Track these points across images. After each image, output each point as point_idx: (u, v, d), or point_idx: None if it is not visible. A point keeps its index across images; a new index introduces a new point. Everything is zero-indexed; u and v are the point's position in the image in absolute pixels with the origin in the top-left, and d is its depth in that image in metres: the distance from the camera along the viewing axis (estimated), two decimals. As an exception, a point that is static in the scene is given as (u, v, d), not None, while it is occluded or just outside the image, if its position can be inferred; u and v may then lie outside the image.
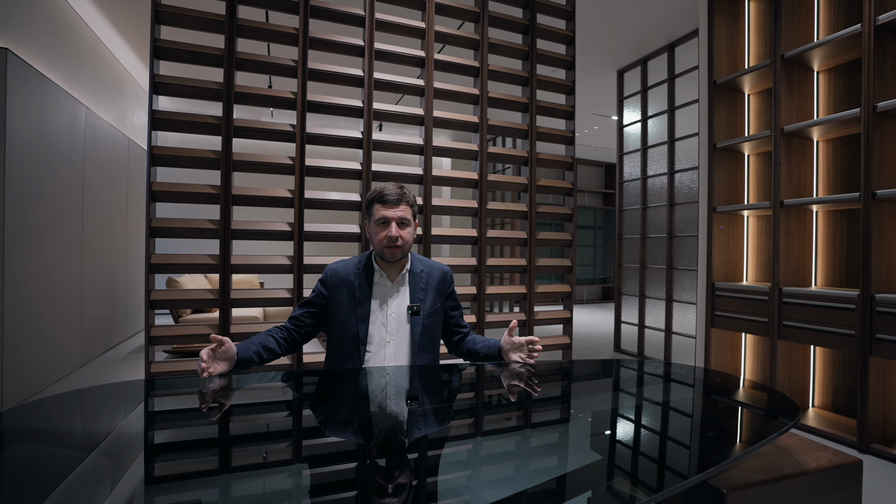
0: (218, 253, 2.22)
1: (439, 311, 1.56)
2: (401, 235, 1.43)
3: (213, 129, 2.20)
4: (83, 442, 1.01)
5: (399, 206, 1.45)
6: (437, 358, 1.57)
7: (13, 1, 3.15)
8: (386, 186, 1.47)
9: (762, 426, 1.20)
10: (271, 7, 2.34)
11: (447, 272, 1.61)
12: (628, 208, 4.94)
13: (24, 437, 1.02)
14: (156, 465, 0.89)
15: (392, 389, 1.33)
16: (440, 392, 1.38)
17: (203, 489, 0.81)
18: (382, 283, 1.50)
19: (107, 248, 4.49)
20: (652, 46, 4.54)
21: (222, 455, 0.95)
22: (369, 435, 1.02)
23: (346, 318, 1.45)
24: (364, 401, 1.27)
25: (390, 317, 1.48)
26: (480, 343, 1.57)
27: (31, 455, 0.93)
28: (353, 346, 1.44)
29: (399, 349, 1.48)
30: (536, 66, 2.86)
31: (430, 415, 1.16)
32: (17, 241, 2.97)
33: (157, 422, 1.15)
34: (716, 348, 3.43)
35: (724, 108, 3.46)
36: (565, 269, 2.97)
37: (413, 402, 1.24)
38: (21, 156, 3.03)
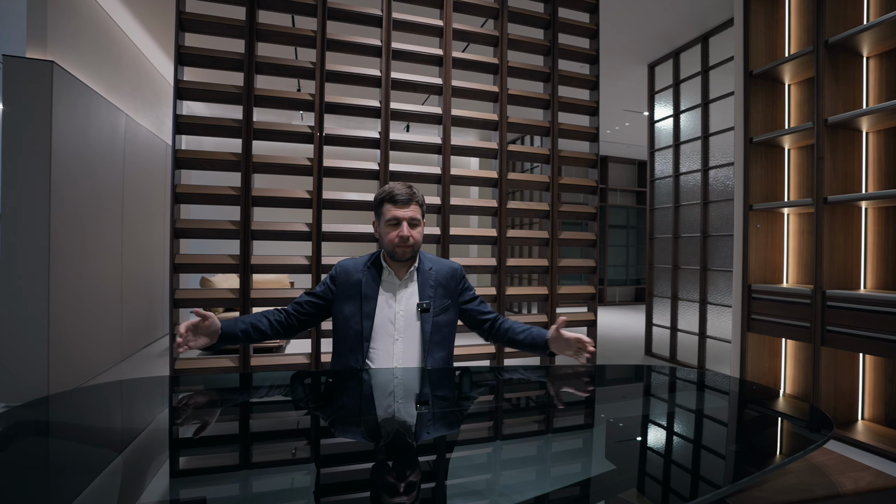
0: (238, 253, 2.26)
1: (451, 308, 1.54)
2: (411, 235, 1.43)
3: (234, 132, 2.25)
4: (93, 435, 1.04)
5: (409, 206, 1.44)
6: (452, 355, 1.54)
7: (59, 16, 3.34)
8: (395, 186, 1.46)
9: (791, 442, 1.11)
10: (290, 11, 2.37)
11: (457, 269, 1.59)
12: (660, 207, 4.76)
13: (42, 429, 1.05)
14: (163, 460, 0.90)
15: (401, 393, 1.30)
16: (453, 397, 1.35)
17: (207, 486, 0.81)
18: (390, 280, 1.50)
19: (145, 248, 4.70)
20: (684, 38, 4.35)
21: (228, 452, 0.96)
22: (377, 436, 1.00)
23: (351, 315, 1.45)
24: (371, 403, 1.25)
25: (398, 315, 1.47)
26: (523, 332, 1.52)
27: (48, 447, 0.96)
28: (356, 343, 1.43)
29: (408, 347, 1.46)
30: (558, 61, 2.78)
31: (441, 419, 1.13)
32: (62, 242, 3.14)
33: (167, 417, 1.17)
34: (753, 354, 3.24)
35: (761, 99, 3.27)
36: (589, 270, 2.87)
37: (423, 405, 1.21)
38: (66, 162, 3.20)
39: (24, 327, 2.93)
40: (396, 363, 1.45)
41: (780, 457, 1.03)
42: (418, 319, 1.48)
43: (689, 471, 0.93)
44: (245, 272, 2.25)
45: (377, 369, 1.43)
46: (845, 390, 2.81)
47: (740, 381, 1.58)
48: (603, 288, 9.28)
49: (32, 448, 0.97)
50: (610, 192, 9.34)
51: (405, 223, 1.42)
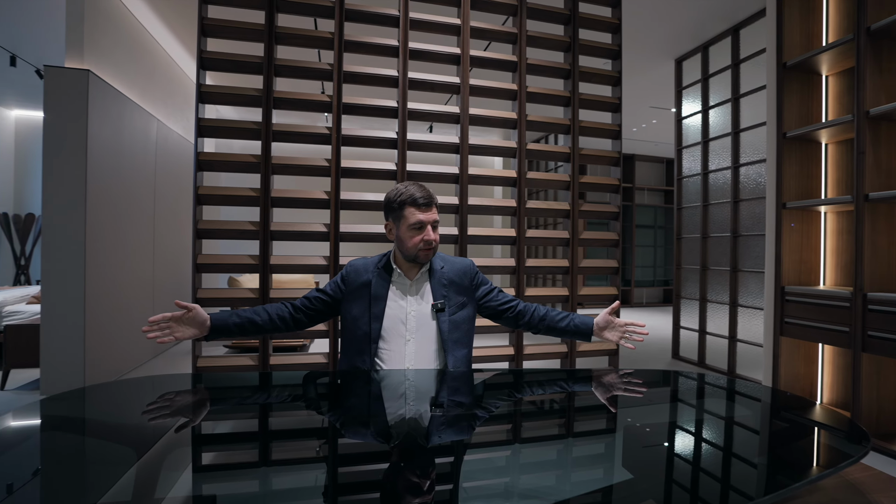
0: (258, 253, 2.30)
1: (468, 304, 1.52)
2: (435, 238, 1.43)
3: (253, 134, 2.29)
4: (108, 430, 1.07)
5: (432, 209, 1.43)
6: (471, 353, 1.52)
7: (95, 26, 3.48)
8: (413, 189, 1.43)
9: (823, 456, 1.04)
10: (308, 13, 2.39)
11: (469, 264, 1.56)
12: (688, 206, 4.60)
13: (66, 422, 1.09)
14: (174, 456, 0.91)
15: (412, 394, 1.29)
16: (469, 399, 1.32)
17: (219, 483, 0.81)
18: (401, 282, 1.48)
19: (175, 248, 4.85)
20: (713, 31, 4.20)
21: (236, 450, 0.97)
22: (387, 437, 0.99)
23: (360, 315, 1.44)
24: (381, 404, 1.24)
25: (410, 315, 1.45)
26: (564, 319, 1.49)
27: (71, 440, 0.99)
28: (364, 344, 1.42)
29: (421, 348, 1.45)
30: (579, 57, 2.72)
31: (455, 421, 1.11)
32: (97, 243, 3.27)
33: (184, 414, 1.19)
34: (787, 359, 3.09)
35: (795, 92, 3.11)
36: (612, 271, 2.80)
37: (437, 407, 1.20)
38: (100, 166, 3.34)
39: (63, 324, 3.07)
40: (409, 364, 1.44)
41: (811, 472, 0.97)
42: (433, 319, 1.47)
43: (710, 484, 0.88)
44: (265, 272, 2.29)
45: (389, 370, 1.42)
46: (889, 399, 2.64)
47: (772, 391, 1.49)
48: (630, 289, 9.06)
49: (64, 437, 1.01)
50: (637, 191, 9.11)
51: (429, 227, 1.41)
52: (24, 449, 0.96)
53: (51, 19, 4.07)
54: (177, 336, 1.30)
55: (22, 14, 4.10)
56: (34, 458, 0.90)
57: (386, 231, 1.51)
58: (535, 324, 1.53)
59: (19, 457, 0.91)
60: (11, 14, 4.09)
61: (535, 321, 1.53)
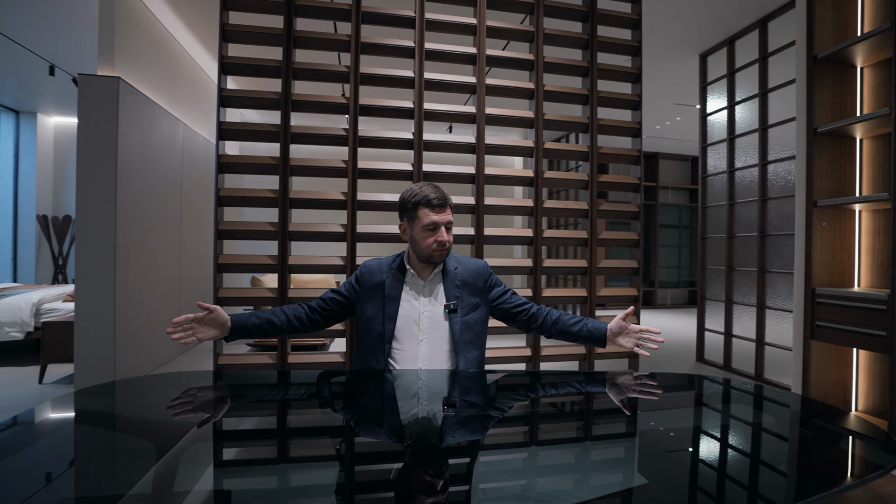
0: (276, 254, 2.35)
1: (481, 306, 1.51)
2: (449, 239, 1.43)
3: (272, 137, 2.34)
4: (129, 424, 1.11)
5: (446, 210, 1.43)
6: (484, 354, 1.51)
7: (125, 35, 3.61)
8: (428, 190, 1.43)
9: (851, 466, 0.99)
10: (326, 17, 2.43)
11: (483, 266, 1.55)
12: (713, 205, 4.47)
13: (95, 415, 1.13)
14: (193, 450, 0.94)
15: (425, 394, 1.29)
16: (483, 400, 1.32)
17: (237, 478, 0.83)
18: (414, 282, 1.48)
19: (201, 249, 4.99)
20: (740, 24, 4.06)
21: (251, 446, 0.99)
22: (400, 436, 1.00)
23: (373, 315, 1.45)
24: (394, 403, 1.25)
25: (423, 316, 1.45)
26: (577, 324, 1.46)
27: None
28: (377, 344, 1.43)
29: (433, 348, 1.44)
30: (597, 54, 2.68)
31: (469, 421, 1.11)
32: (126, 244, 3.39)
33: (205, 410, 1.22)
34: (818, 364, 2.96)
35: (827, 86, 2.99)
36: (632, 272, 2.74)
37: (450, 407, 1.19)
38: (130, 169, 3.46)
39: (95, 321, 3.19)
40: (421, 364, 1.44)
41: (836, 482, 0.92)
42: (446, 320, 1.46)
43: (733, 491, 0.85)
44: (283, 272, 2.33)
45: (402, 370, 1.42)
46: (929, 408, 2.50)
47: (802, 399, 1.43)
48: (653, 290, 8.86)
49: (95, 428, 1.05)
50: (661, 189, 8.91)
51: (443, 228, 1.41)
52: (58, 438, 1.00)
53: (86, 30, 4.24)
54: (199, 337, 1.33)
55: (59, 25, 4.28)
56: (68, 448, 0.95)
57: (400, 231, 1.51)
58: (548, 328, 1.50)
59: (53, 446, 0.95)
60: (49, 25, 4.29)
61: (547, 325, 1.50)
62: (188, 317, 1.32)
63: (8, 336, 3.99)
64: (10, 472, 0.81)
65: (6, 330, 3.98)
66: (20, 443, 0.97)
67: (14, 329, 4.00)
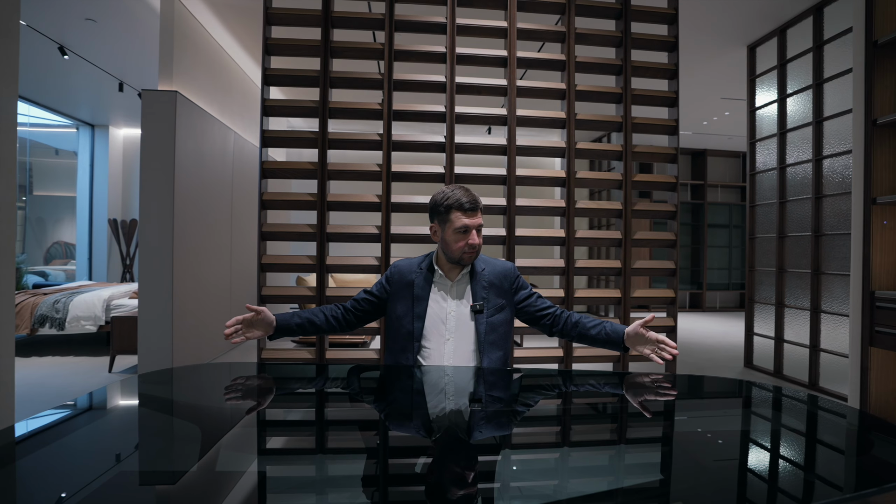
0: (315, 254, 2.48)
1: (507, 307, 1.54)
2: (479, 242, 1.48)
3: (311, 143, 2.47)
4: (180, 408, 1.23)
5: (477, 214, 1.47)
6: (508, 355, 1.54)
7: (182, 51, 3.91)
8: (460, 193, 1.47)
9: (877, 473, 0.95)
10: (360, 27, 2.54)
11: (510, 268, 1.58)
12: (762, 203, 4.25)
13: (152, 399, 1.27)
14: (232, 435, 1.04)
15: (451, 390, 1.34)
16: (508, 397, 1.35)
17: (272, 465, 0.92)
18: (442, 283, 1.53)
19: (250, 250, 5.29)
20: (792, 12, 3.85)
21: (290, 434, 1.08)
22: (427, 430, 1.05)
23: (403, 315, 1.51)
24: (422, 398, 1.31)
25: (450, 315, 1.50)
26: (595, 327, 1.48)
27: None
28: (408, 342, 1.49)
29: (459, 347, 1.49)
30: (631, 52, 2.64)
31: (495, 418, 1.15)
32: (182, 246, 3.67)
33: (244, 398, 1.34)
34: (878, 373, 2.77)
35: (889, 74, 2.78)
36: (668, 273, 2.67)
37: (476, 403, 1.24)
38: (186, 176, 3.74)
39: (155, 317, 3.47)
40: (448, 362, 1.49)
41: (855, 488, 0.90)
42: (472, 320, 1.50)
43: (755, 486, 0.84)
44: (321, 272, 2.45)
45: (429, 366, 1.48)
46: None
47: (859, 413, 1.37)
48: (701, 293, 8.49)
49: (154, 410, 1.18)
50: (710, 188, 8.52)
51: (474, 231, 1.46)
52: (123, 419, 1.13)
53: (149, 48, 4.61)
54: (247, 336, 1.44)
55: (126, 45, 4.68)
56: (133, 427, 1.08)
57: (431, 233, 1.56)
58: (568, 331, 1.52)
59: (119, 424, 1.08)
60: (118, 46, 4.70)
61: (567, 328, 1.51)
62: (237, 318, 1.44)
63: (83, 328, 4.41)
64: (85, 445, 0.94)
65: (82, 323, 4.40)
66: (91, 420, 1.11)
67: (89, 322, 4.42)
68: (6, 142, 2.31)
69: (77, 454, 0.90)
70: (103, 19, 4.17)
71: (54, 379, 3.71)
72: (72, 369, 4.04)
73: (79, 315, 4.43)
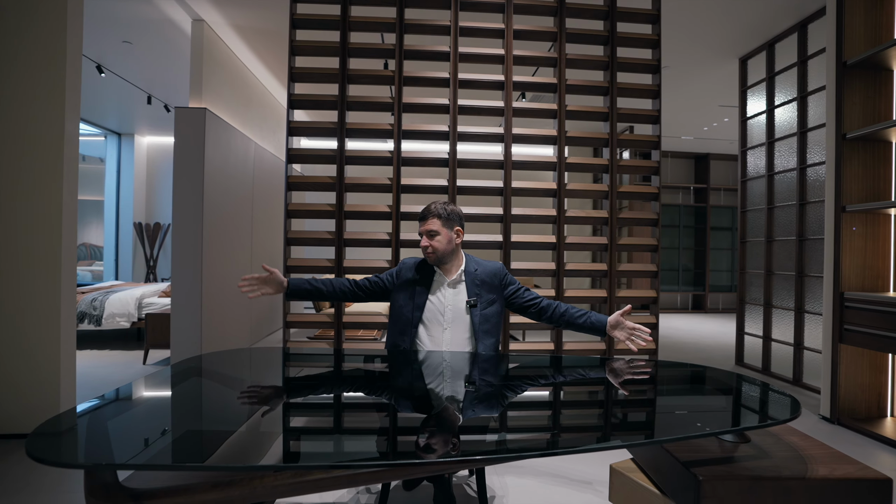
0: (334, 258, 2.79)
1: (497, 301, 1.82)
2: (430, 244, 1.77)
3: (329, 159, 2.79)
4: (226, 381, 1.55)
5: (426, 221, 1.78)
6: (499, 342, 1.83)
7: (211, 71, 4.27)
8: (422, 208, 1.82)
9: (753, 418, 1.22)
10: (374, 56, 2.85)
11: (499, 267, 1.87)
12: (752, 209, 4.47)
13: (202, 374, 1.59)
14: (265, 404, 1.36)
15: (449, 371, 1.65)
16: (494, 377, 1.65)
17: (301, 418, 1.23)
18: (440, 280, 1.82)
19: (269, 252, 5.65)
20: (779, 28, 4.08)
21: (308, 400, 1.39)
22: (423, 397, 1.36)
23: (405, 304, 1.80)
24: (421, 376, 1.62)
25: (447, 308, 1.79)
26: (582, 316, 1.76)
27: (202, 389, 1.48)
28: (406, 327, 1.78)
29: (456, 335, 1.78)
30: (617, 74, 2.91)
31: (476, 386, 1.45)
32: (210, 248, 4.02)
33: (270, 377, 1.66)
34: (848, 368, 3.00)
35: (859, 91, 3.02)
36: (651, 274, 2.94)
37: (469, 382, 1.54)
38: (213, 184, 4.09)
39: (187, 313, 3.83)
40: (445, 347, 1.78)
41: (733, 427, 1.19)
42: (467, 313, 1.80)
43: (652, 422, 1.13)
44: (339, 273, 2.77)
45: (431, 351, 1.77)
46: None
47: (737, 376, 1.64)
48: (703, 294, 8.66)
49: (189, 386, 1.50)
50: (712, 191, 8.69)
51: (424, 236, 1.78)
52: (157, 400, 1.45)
53: (176, 65, 4.99)
54: (263, 291, 1.74)
55: (157, 63, 5.07)
56: (167, 406, 1.39)
57: None
58: (557, 318, 1.79)
59: (158, 404, 1.40)
60: (150, 64, 5.08)
61: (556, 316, 1.80)
62: (253, 276, 1.74)
63: (118, 325, 4.80)
64: (135, 417, 1.26)
65: (117, 320, 4.79)
66: (132, 402, 1.44)
67: (123, 319, 4.80)
68: (70, 158, 2.68)
69: (159, 416, 1.22)
70: (138, 41, 4.55)
71: (96, 370, 4.09)
72: (109, 361, 4.42)
73: (114, 312, 4.82)
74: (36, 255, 2.61)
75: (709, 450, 1.23)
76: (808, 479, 1.11)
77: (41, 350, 2.61)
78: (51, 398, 2.61)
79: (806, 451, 1.25)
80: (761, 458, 1.19)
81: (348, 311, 4.67)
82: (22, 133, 2.60)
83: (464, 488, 2.07)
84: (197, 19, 4.13)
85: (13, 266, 2.59)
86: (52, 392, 2.61)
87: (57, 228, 2.63)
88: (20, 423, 2.59)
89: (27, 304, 2.60)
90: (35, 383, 2.60)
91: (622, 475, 1.42)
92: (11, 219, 2.60)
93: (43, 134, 2.61)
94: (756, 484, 1.09)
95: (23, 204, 2.60)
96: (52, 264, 2.63)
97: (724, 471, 1.12)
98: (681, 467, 1.15)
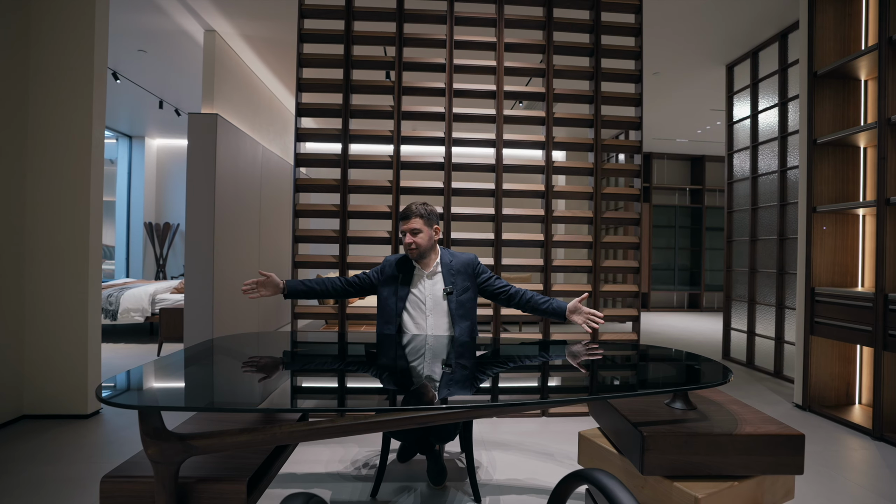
0: (338, 254, 3.02)
1: (471, 289, 2.03)
2: (413, 241, 1.97)
3: (334, 163, 3.02)
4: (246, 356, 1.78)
5: (408, 221, 1.98)
6: (475, 324, 2.03)
7: (222, 78, 4.51)
8: (404, 207, 2.02)
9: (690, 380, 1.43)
10: (376, 67, 3.08)
11: (472, 258, 2.08)
12: (738, 209, 4.67)
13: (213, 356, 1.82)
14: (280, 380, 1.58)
15: (430, 352, 1.86)
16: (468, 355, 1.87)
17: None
18: (419, 273, 2.04)
19: (275, 249, 5.89)
20: (762, 36, 4.28)
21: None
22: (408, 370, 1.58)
23: (389, 296, 2.02)
24: (405, 355, 1.84)
25: (427, 297, 2.00)
26: (545, 303, 1.97)
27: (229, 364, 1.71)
28: (391, 316, 2.00)
29: (437, 321, 1.99)
30: (601, 83, 3.12)
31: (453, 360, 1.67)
32: (221, 246, 4.26)
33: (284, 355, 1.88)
34: (818, 358, 3.20)
35: (829, 99, 3.22)
36: (632, 271, 3.15)
37: (446, 361, 1.76)
38: (224, 185, 4.33)
39: (199, 308, 4.06)
40: (429, 331, 2.00)
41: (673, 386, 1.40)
42: (444, 300, 2.01)
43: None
44: (343, 269, 3.00)
45: (415, 335, 1.99)
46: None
47: (686, 353, 1.85)
48: (699, 293, 8.85)
49: (204, 364, 1.73)
50: (708, 192, 8.87)
51: (408, 233, 1.97)
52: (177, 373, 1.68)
53: (188, 71, 5.23)
54: (261, 293, 1.96)
55: (170, 70, 5.32)
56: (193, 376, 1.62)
57: None
58: (523, 304, 2.01)
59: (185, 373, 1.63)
60: (162, 70, 5.34)
61: (522, 302, 2.01)
62: (252, 280, 1.96)
63: (133, 319, 5.05)
64: (174, 375, 1.49)
65: (132, 314, 5.04)
66: (170, 366, 1.67)
67: (138, 314, 5.05)
68: (96, 164, 2.92)
69: (203, 381, 1.44)
70: (153, 50, 4.80)
71: (114, 361, 4.34)
72: (125, 354, 4.67)
73: (129, 307, 5.07)
74: (66, 253, 2.85)
75: (659, 415, 1.44)
76: (735, 435, 1.32)
77: (70, 340, 2.85)
78: (79, 383, 2.85)
79: (741, 416, 1.46)
80: (701, 421, 1.41)
81: (352, 305, 4.90)
82: (54, 139, 2.84)
83: (455, 462, 2.29)
84: (209, 30, 4.38)
85: (45, 264, 2.83)
86: (81, 378, 2.85)
87: (85, 228, 2.87)
88: (53, 404, 2.83)
89: (59, 298, 2.84)
90: (66, 370, 2.84)
91: (589, 440, 1.63)
92: (45, 219, 2.84)
93: (72, 140, 2.85)
94: (691, 438, 1.31)
95: (53, 205, 2.84)
96: (81, 262, 2.87)
97: (666, 429, 1.33)
98: (632, 427, 1.36)
